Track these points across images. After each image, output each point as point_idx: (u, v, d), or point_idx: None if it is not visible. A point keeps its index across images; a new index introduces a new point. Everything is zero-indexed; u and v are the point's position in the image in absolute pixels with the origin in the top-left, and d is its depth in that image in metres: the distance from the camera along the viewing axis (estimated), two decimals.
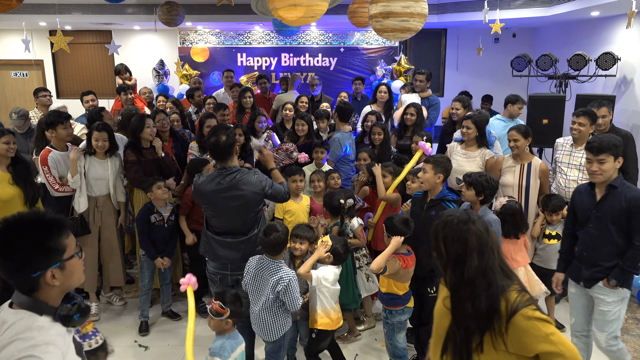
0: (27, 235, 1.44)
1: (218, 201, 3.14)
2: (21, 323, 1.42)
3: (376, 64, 9.31)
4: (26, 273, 1.44)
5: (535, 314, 1.65)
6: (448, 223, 1.76)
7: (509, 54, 8.11)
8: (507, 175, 4.19)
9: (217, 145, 3.08)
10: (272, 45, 9.66)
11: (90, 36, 9.78)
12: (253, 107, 5.98)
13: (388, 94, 5.98)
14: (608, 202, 2.95)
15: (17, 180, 3.84)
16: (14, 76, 10.03)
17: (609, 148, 2.87)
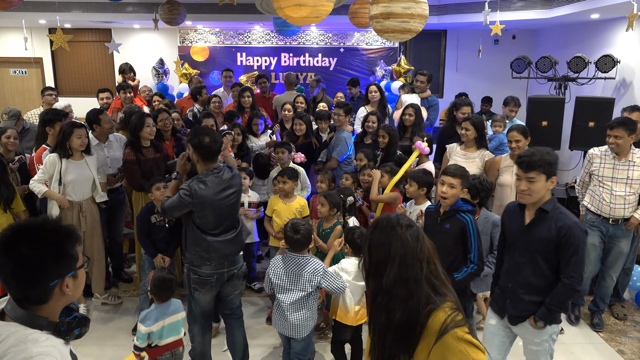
0: (44, 241, 1.38)
1: (219, 202, 3.10)
2: (15, 336, 1.34)
3: (376, 65, 9.31)
4: (44, 282, 1.38)
5: (466, 337, 1.51)
6: (377, 226, 1.64)
7: (509, 56, 8.12)
8: (505, 175, 4.16)
9: (209, 147, 3.06)
10: (272, 45, 9.66)
11: (90, 34, 9.77)
12: (252, 107, 5.98)
13: (379, 93, 5.98)
14: (536, 228, 2.59)
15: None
16: (13, 74, 10.01)
17: (540, 165, 2.48)
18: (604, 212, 4.04)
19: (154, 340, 3.01)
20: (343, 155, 4.92)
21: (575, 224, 2.49)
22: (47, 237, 1.38)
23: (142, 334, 2.98)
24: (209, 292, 3.19)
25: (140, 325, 2.99)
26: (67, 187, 4.05)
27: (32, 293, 1.38)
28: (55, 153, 3.98)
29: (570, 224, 2.48)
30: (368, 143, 5.05)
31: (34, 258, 1.35)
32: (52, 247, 1.38)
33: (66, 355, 1.41)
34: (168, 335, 3.05)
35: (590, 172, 4.15)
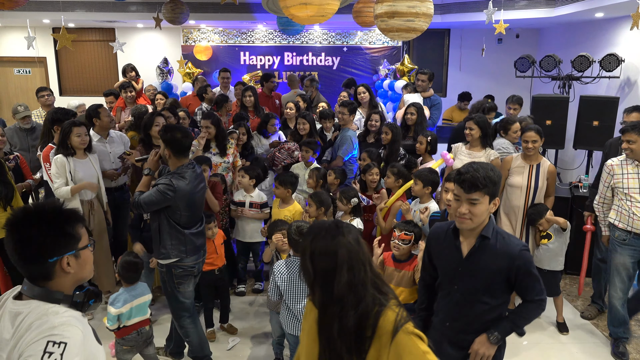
0: (46, 220, 1.49)
1: (195, 196, 3.24)
2: (36, 311, 1.45)
3: (379, 64, 9.31)
4: (44, 258, 1.47)
5: (415, 330, 1.55)
6: (316, 236, 1.58)
7: (512, 55, 8.10)
8: (515, 176, 4.17)
9: (180, 142, 3.16)
10: (275, 44, 9.67)
11: (94, 34, 9.79)
12: (255, 106, 5.98)
13: (368, 94, 5.97)
14: (479, 259, 2.16)
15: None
16: (17, 73, 10.04)
17: (485, 185, 2.07)
18: (636, 227, 3.61)
19: (122, 321, 3.15)
20: (349, 154, 4.91)
21: (524, 247, 2.17)
22: (47, 216, 1.49)
23: (112, 316, 3.11)
24: (191, 282, 3.36)
25: (110, 307, 3.12)
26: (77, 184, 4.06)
27: (34, 269, 1.49)
28: (60, 154, 3.98)
29: (519, 249, 2.14)
30: (371, 142, 5.05)
31: (34, 235, 1.46)
32: (51, 226, 1.48)
33: (86, 324, 1.50)
34: (135, 315, 3.20)
35: (613, 186, 3.78)
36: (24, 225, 1.47)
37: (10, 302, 1.50)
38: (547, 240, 4.07)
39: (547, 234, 4.08)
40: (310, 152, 4.66)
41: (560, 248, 4.08)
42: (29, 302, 1.48)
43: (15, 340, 1.41)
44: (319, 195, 3.72)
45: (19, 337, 1.41)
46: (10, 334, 1.44)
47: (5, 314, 1.49)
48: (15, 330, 1.43)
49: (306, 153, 4.66)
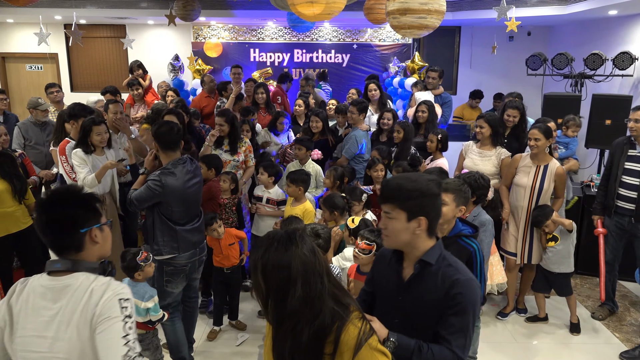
0: (76, 197, 1.70)
1: (187, 192, 3.22)
2: (87, 280, 1.62)
3: (389, 61, 9.28)
4: (76, 228, 1.65)
5: (379, 346, 1.49)
6: (268, 248, 1.47)
7: (524, 53, 8.05)
8: (521, 176, 4.10)
9: (165, 135, 3.18)
10: (285, 41, 9.66)
11: (105, 30, 9.84)
12: (267, 104, 5.98)
13: (379, 91, 5.95)
14: (419, 287, 1.82)
15: (3, 174, 3.82)
16: (29, 69, 10.12)
17: (395, 198, 1.75)
18: None
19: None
20: (353, 154, 4.86)
21: (471, 280, 1.78)
22: (76, 194, 1.70)
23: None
24: (181, 282, 3.35)
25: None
26: None
27: (68, 240, 1.65)
28: (79, 148, 4.02)
29: (464, 279, 1.76)
30: (384, 141, 5.04)
31: (68, 210, 1.65)
32: (81, 201, 1.69)
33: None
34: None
35: None
36: (57, 203, 1.66)
37: (46, 280, 1.62)
38: (554, 242, 4.04)
39: (554, 236, 4.04)
40: (303, 149, 4.60)
41: (567, 250, 4.05)
42: (72, 275, 1.63)
43: (77, 307, 1.57)
44: (329, 200, 3.67)
45: (82, 304, 1.57)
46: (54, 310, 1.57)
47: (36, 296, 1.61)
48: (67, 301, 1.58)
49: (299, 151, 4.61)
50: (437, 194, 1.78)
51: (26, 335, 1.59)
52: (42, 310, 1.58)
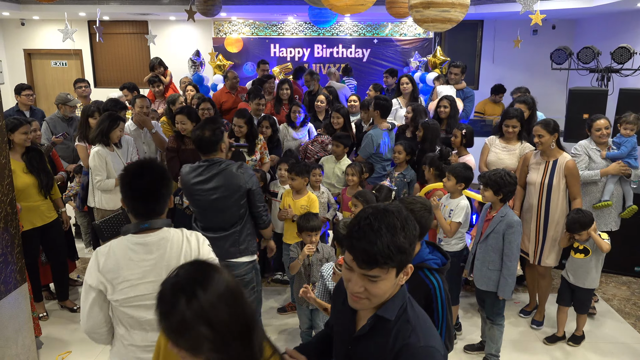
0: (161, 170, 2.01)
1: (197, 193, 3.03)
2: (177, 232, 2.04)
3: (410, 56, 9.20)
4: (165, 197, 2.00)
5: None
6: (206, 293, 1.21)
7: (548, 47, 7.89)
8: (531, 173, 3.97)
9: (200, 139, 2.99)
10: (305, 36, 9.65)
11: (127, 26, 9.95)
12: (290, 99, 5.98)
13: (411, 85, 5.90)
14: (369, 344, 1.49)
15: (31, 168, 3.88)
16: (54, 65, 10.30)
17: (388, 258, 1.33)
18: None
19: None
20: (368, 153, 4.78)
21: (427, 349, 1.40)
22: (159, 168, 2.01)
23: None
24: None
25: None
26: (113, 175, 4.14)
27: (158, 206, 1.98)
28: (100, 145, 4.06)
29: (418, 347, 1.39)
30: (409, 137, 5.00)
31: (158, 181, 1.96)
32: (165, 174, 2.00)
33: None
34: None
35: None
36: (146, 175, 1.95)
37: (133, 239, 1.94)
38: (583, 255, 3.70)
39: (585, 249, 3.70)
40: (341, 146, 4.61)
41: (596, 266, 3.72)
42: (162, 230, 1.99)
43: (178, 253, 1.96)
44: (364, 195, 3.65)
45: (182, 249, 1.98)
46: (152, 260, 1.92)
47: (128, 253, 1.92)
48: (165, 250, 1.95)
49: (337, 147, 4.63)
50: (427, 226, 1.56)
51: (129, 285, 1.90)
52: (140, 262, 1.91)
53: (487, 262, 3.42)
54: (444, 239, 3.71)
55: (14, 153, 3.80)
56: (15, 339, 3.21)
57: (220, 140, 3.01)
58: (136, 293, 1.91)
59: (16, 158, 3.81)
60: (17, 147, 3.83)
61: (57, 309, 4.35)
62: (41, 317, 4.18)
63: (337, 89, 6.96)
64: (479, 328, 3.88)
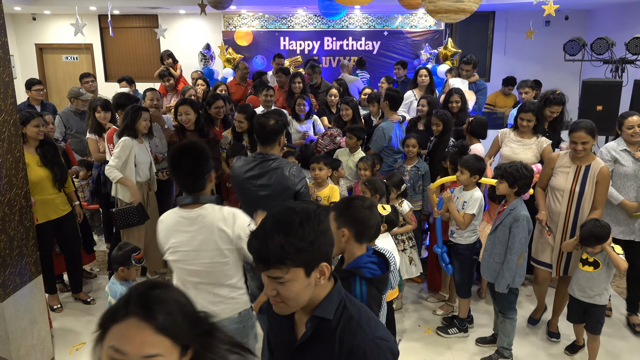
0: (200, 149, 2.27)
1: (247, 187, 3.00)
2: (215, 208, 2.31)
3: (420, 48, 9.13)
4: (204, 173, 2.28)
5: None
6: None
7: (560, 38, 7.79)
8: (558, 177, 3.62)
9: (263, 127, 2.94)
10: (315, 28, 9.61)
11: (137, 20, 9.97)
12: (303, 92, 5.96)
13: (429, 77, 5.85)
14: (314, 348, 1.39)
15: (45, 161, 3.90)
16: (65, 60, 10.36)
17: (285, 257, 1.27)
18: None
19: None
20: (380, 146, 4.75)
21: (376, 341, 1.35)
22: (198, 150, 2.26)
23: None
24: (255, 277, 3.21)
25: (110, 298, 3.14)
26: (137, 167, 4.16)
27: (198, 182, 2.28)
28: (128, 136, 4.08)
29: (366, 341, 1.34)
30: (421, 129, 4.95)
31: (198, 159, 2.24)
32: (203, 153, 2.27)
33: None
34: None
35: None
36: (189, 155, 2.23)
37: (179, 212, 2.29)
38: (592, 268, 3.34)
39: (595, 262, 3.33)
40: (354, 138, 4.59)
41: (606, 279, 3.36)
42: (201, 207, 2.28)
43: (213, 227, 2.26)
44: (373, 183, 3.63)
45: (218, 225, 2.26)
46: (192, 232, 2.26)
47: (175, 222, 2.29)
48: (203, 225, 2.26)
49: (350, 140, 4.61)
50: (328, 226, 1.37)
51: (173, 251, 2.31)
52: (181, 232, 2.27)
53: (493, 254, 3.40)
54: (456, 231, 3.69)
55: (28, 146, 3.83)
56: (30, 330, 3.25)
57: (281, 133, 2.98)
58: (176, 257, 2.31)
59: (30, 151, 3.83)
60: (31, 140, 3.85)
61: (71, 301, 4.39)
62: (55, 309, 4.23)
63: (348, 82, 6.93)
64: (492, 321, 3.87)
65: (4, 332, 3.02)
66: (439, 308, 4.24)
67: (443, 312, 4.18)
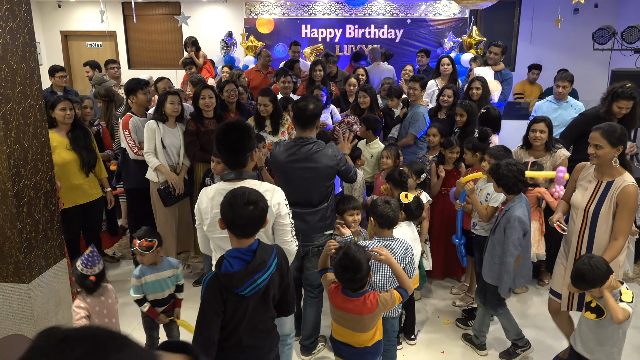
0: (244, 128, 2.42)
1: (291, 171, 3.12)
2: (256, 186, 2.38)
3: (444, 36, 8.98)
4: (247, 151, 2.42)
5: None
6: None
7: (589, 26, 7.57)
8: (578, 192, 3.09)
9: (303, 111, 3.05)
10: (337, 16, 9.52)
11: (160, 7, 10.01)
12: (324, 81, 5.92)
13: (452, 66, 5.75)
14: None
15: (75, 146, 3.97)
16: (89, 47, 10.48)
17: None
18: None
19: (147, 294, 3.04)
20: (422, 131, 4.73)
21: None
22: (244, 127, 2.42)
23: (135, 287, 3.03)
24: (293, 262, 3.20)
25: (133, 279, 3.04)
26: (165, 150, 4.25)
27: (241, 159, 2.42)
28: (152, 120, 4.21)
29: None
30: (442, 118, 4.88)
31: (242, 136, 2.39)
32: (247, 132, 2.42)
33: None
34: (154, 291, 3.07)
35: None
36: (231, 132, 2.38)
37: (223, 185, 2.40)
38: (594, 316, 2.64)
39: (598, 308, 2.62)
40: (363, 127, 4.51)
41: (614, 335, 2.63)
42: (243, 181, 2.41)
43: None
44: (391, 174, 3.70)
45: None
46: None
47: (218, 195, 2.34)
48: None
49: (361, 128, 4.53)
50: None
51: (210, 222, 2.41)
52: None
53: (494, 255, 3.22)
54: (479, 223, 3.64)
55: (59, 130, 3.93)
56: (55, 312, 3.32)
57: (319, 116, 3.15)
58: (211, 227, 2.42)
59: (61, 135, 3.94)
60: (61, 124, 3.92)
61: None
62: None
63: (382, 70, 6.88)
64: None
65: (30, 313, 3.10)
66: (458, 299, 4.21)
67: (462, 303, 4.15)
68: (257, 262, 1.98)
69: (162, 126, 4.23)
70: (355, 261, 2.32)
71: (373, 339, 2.55)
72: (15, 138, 2.89)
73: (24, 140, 2.98)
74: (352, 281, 2.38)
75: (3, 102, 2.79)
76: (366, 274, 2.37)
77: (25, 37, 2.96)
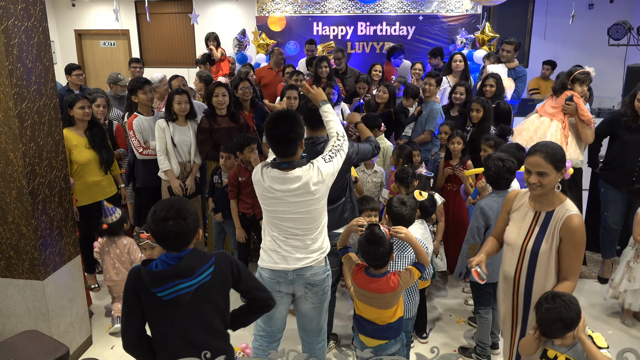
0: (295, 119, 2.45)
1: None
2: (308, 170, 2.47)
3: (456, 33, 8.91)
4: (296, 141, 2.44)
5: None
6: None
7: (605, 22, 7.47)
8: (512, 226, 2.52)
9: (314, 112, 2.98)
10: (349, 13, 9.49)
11: (172, 6, 10.06)
12: (329, 77, 5.92)
13: (464, 63, 5.71)
14: None
15: (93, 144, 4.01)
16: (102, 45, 10.56)
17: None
18: None
19: None
20: (437, 125, 4.69)
21: None
22: (292, 118, 2.45)
23: None
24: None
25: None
26: (176, 148, 4.33)
27: (291, 148, 2.45)
28: (162, 119, 4.31)
29: None
30: (454, 115, 4.85)
31: (292, 126, 2.41)
32: (297, 121, 2.44)
33: None
34: None
35: None
36: (283, 123, 2.41)
37: (276, 172, 2.46)
38: None
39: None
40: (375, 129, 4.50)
41: None
42: (294, 170, 2.45)
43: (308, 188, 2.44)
44: (398, 174, 3.72)
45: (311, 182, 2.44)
46: (286, 191, 2.45)
47: (271, 180, 2.46)
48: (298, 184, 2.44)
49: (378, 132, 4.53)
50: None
51: (264, 203, 2.55)
52: (272, 190, 2.47)
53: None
54: None
55: (77, 129, 3.99)
56: (69, 308, 3.36)
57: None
58: (277, 208, 2.50)
59: (79, 133, 3.99)
60: (79, 122, 3.97)
61: None
62: (93, 288, 4.36)
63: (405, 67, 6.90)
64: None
65: (45, 309, 3.14)
66: (470, 298, 4.19)
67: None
68: (180, 268, 1.88)
69: (172, 125, 4.31)
70: (380, 236, 2.49)
71: (395, 315, 2.64)
72: (30, 136, 2.93)
73: (39, 138, 3.01)
74: (376, 255, 2.49)
75: (19, 101, 2.83)
76: (389, 250, 2.51)
77: (40, 36, 2.99)
